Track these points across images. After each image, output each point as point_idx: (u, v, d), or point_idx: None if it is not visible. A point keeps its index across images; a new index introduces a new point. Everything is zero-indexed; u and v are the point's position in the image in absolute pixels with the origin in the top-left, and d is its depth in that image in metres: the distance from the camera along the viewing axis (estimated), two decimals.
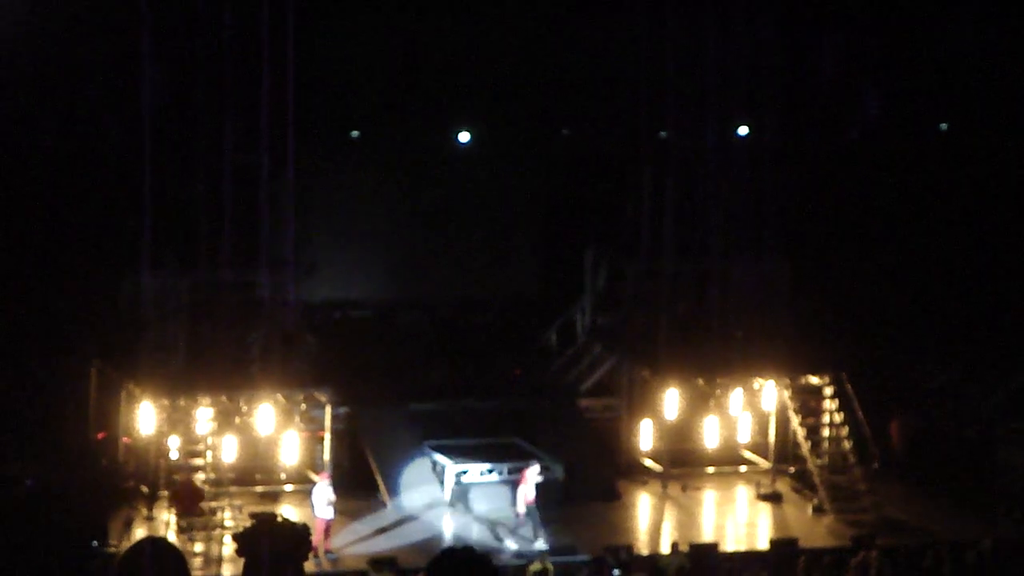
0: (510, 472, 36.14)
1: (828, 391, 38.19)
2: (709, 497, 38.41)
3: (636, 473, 39.11)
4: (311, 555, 30.30)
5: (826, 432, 38.06)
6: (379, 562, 32.55)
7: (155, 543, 29.34)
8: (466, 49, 42.38)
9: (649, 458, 39.34)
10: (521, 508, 34.62)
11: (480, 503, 36.26)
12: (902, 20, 44.31)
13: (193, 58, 37.80)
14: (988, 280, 44.94)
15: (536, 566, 31.84)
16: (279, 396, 36.67)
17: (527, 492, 34.64)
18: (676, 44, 40.61)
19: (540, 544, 33.88)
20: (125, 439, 36.90)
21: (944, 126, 46.20)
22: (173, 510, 35.09)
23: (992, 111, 44.59)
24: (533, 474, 34.85)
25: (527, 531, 34.42)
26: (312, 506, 33.96)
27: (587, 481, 37.53)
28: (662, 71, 40.82)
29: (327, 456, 36.50)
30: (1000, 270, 44.92)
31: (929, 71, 44.67)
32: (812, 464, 37.56)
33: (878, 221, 44.96)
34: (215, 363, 37.11)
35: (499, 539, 34.57)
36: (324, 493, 33.83)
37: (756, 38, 40.62)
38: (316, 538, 32.56)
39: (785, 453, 38.91)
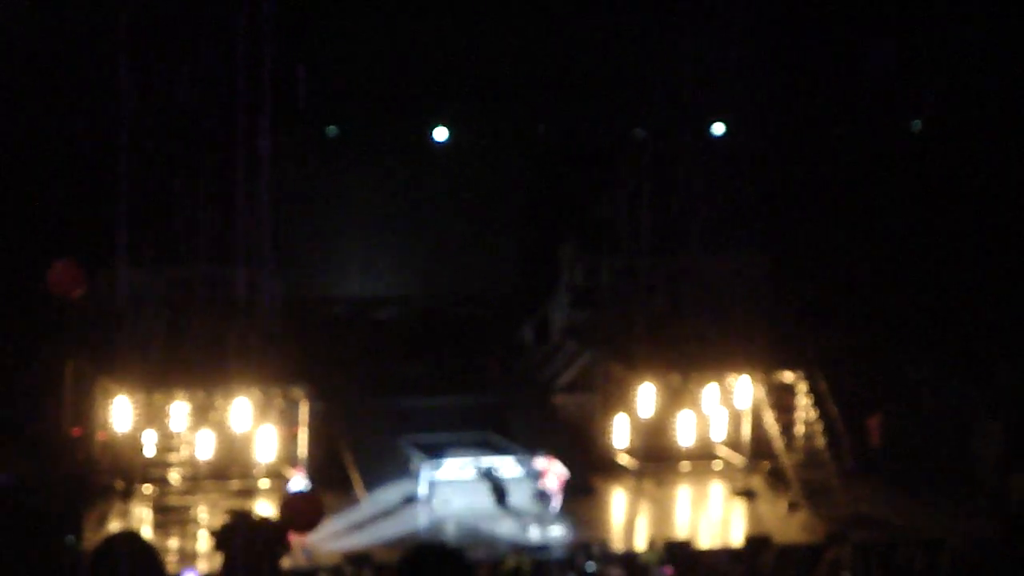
0: (488, 468, 36.26)
1: (802, 387, 38.33)
2: (683, 493, 38.52)
3: (611, 469, 39.20)
4: (287, 551, 30.30)
5: (800, 428, 38.20)
6: (355, 558, 32.62)
7: (127, 538, 29.30)
8: (443, 45, 42.38)
9: (624, 454, 39.45)
10: (556, 501, 34.95)
11: (456, 499, 36.31)
12: (878, 17, 44.44)
13: (170, 52, 37.74)
14: (966, 275, 45.11)
15: (511, 562, 31.93)
16: (255, 391, 36.69)
17: (550, 483, 34.94)
18: (653, 40, 40.67)
19: (560, 532, 34.10)
20: (100, 434, 36.88)
21: (918, 123, 46.38)
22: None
23: (967, 108, 44.76)
24: (554, 466, 35.13)
25: (548, 519, 34.67)
26: None
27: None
28: (638, 67, 40.88)
29: (303, 452, 36.54)
30: (978, 265, 45.09)
31: (904, 68, 44.81)
32: (786, 460, 37.70)
33: (855, 217, 45.10)
34: (191, 358, 37.15)
35: (523, 528, 34.76)
36: (299, 488, 33.87)
37: (732, 34, 40.70)
38: (291, 534, 32.62)
39: (759, 449, 39.05)
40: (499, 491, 35.93)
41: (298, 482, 33.91)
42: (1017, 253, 44.82)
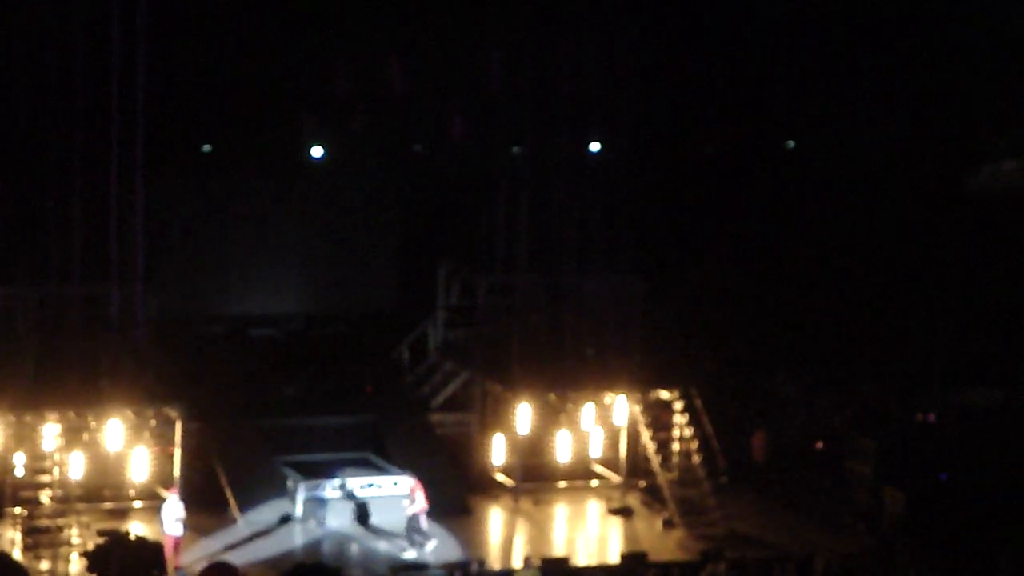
0: (362, 487, 36.13)
1: (678, 406, 38.56)
2: (560, 511, 38.59)
3: (488, 488, 39.20)
4: (161, 572, 30.01)
5: (676, 447, 38.41)
6: None
7: None
8: (319, 63, 42.28)
9: (501, 473, 39.46)
10: (420, 521, 34.82)
11: (332, 519, 36.12)
12: (753, 38, 44.98)
13: (42, 69, 37.28)
14: (836, 294, 45.74)
15: None
16: (128, 412, 36.28)
17: (418, 502, 34.80)
18: (529, 60, 40.84)
19: (430, 550, 34.03)
20: None
21: (791, 143, 47.01)
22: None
23: (838, 129, 45.44)
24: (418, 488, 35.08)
25: (419, 538, 34.54)
26: (161, 522, 33.64)
27: (439, 496, 37.48)
28: (515, 86, 41.03)
29: (177, 472, 36.17)
30: (848, 285, 45.73)
31: (777, 89, 45.38)
32: (662, 478, 37.90)
33: (728, 237, 45.56)
34: (63, 379, 36.63)
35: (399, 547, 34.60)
36: (174, 509, 33.53)
37: (608, 54, 40.95)
38: (166, 554, 32.28)
39: (636, 468, 39.23)
40: (362, 511, 35.85)
41: (172, 502, 33.54)
42: (885, 273, 45.58)
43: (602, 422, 39.66)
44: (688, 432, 38.42)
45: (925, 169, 45.04)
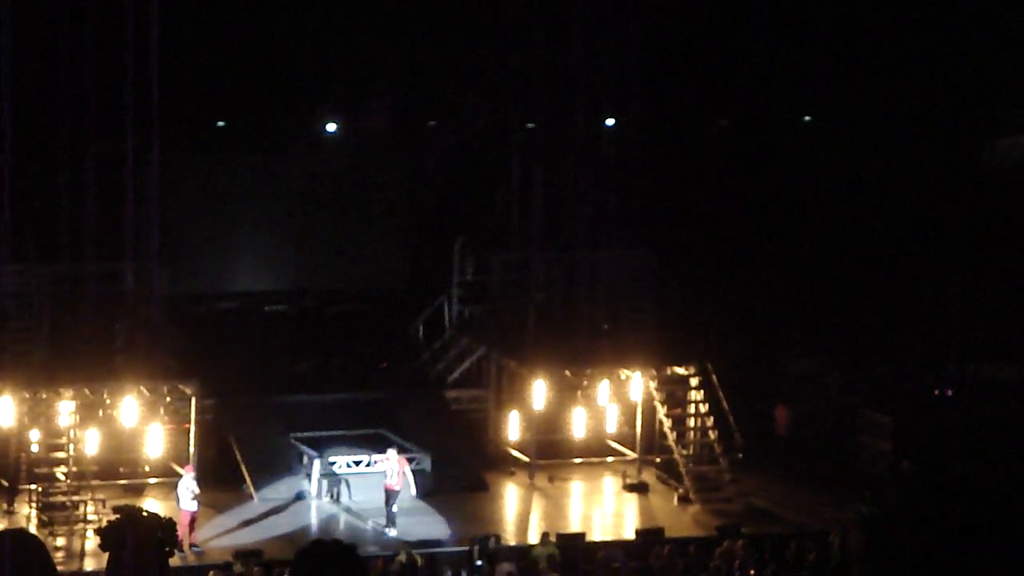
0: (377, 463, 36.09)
1: (693, 382, 38.46)
2: (576, 487, 38.54)
3: (504, 464, 39.15)
4: (176, 549, 29.95)
5: (692, 422, 38.33)
6: (245, 554, 32.33)
7: (15, 535, 28.86)
8: (332, 39, 42.16)
9: (517, 449, 39.40)
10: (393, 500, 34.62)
11: (347, 495, 36.09)
12: (770, 12, 44.79)
13: (55, 46, 37.23)
14: (850, 269, 45.59)
15: (402, 557, 31.79)
16: (143, 388, 36.26)
17: (387, 479, 34.60)
18: (544, 35, 40.71)
19: (392, 532, 33.92)
20: None
21: (807, 118, 46.82)
22: None
23: (853, 105, 45.24)
24: (393, 460, 34.77)
25: (381, 519, 34.39)
26: (177, 499, 33.65)
27: (455, 472, 37.51)
28: (530, 62, 40.89)
29: (192, 449, 36.17)
30: (864, 259, 45.58)
31: (794, 64, 45.19)
32: (678, 454, 37.82)
33: (743, 212, 45.41)
34: (78, 355, 36.64)
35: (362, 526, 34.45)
36: (189, 486, 33.54)
37: (623, 29, 40.80)
38: (181, 531, 32.26)
39: (651, 444, 39.12)
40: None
41: (188, 480, 33.55)
42: (902, 247, 45.41)
43: (617, 398, 39.58)
44: (704, 408, 38.33)
45: (942, 143, 44.83)
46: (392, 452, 35.20)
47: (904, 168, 45.16)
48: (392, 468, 34.79)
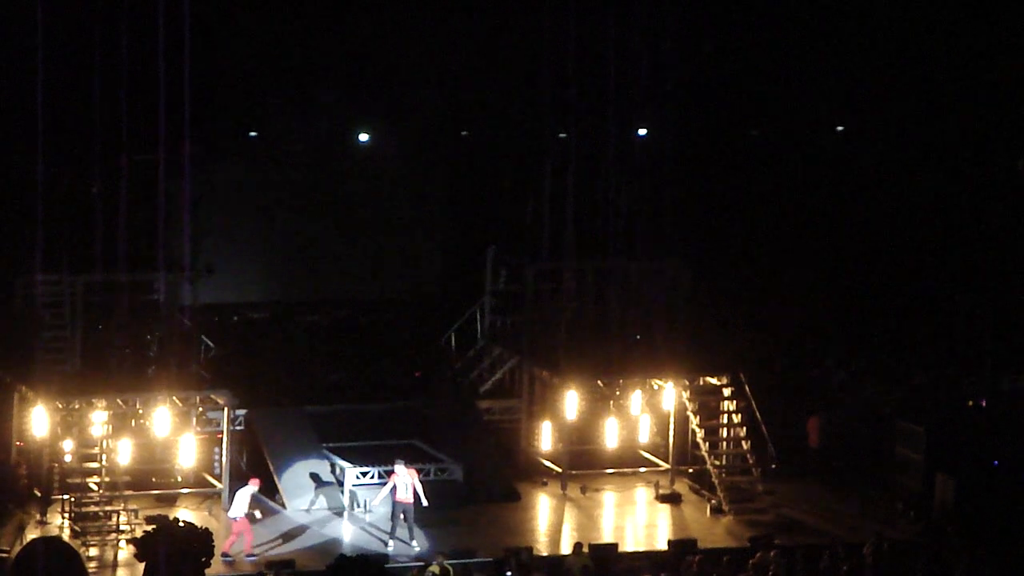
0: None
1: (726, 392, 38.33)
2: (608, 498, 38.45)
3: (536, 474, 39.06)
4: (210, 559, 29.98)
5: (724, 433, 38.20)
6: (277, 565, 32.31)
7: (49, 543, 28.97)
8: (365, 49, 42.23)
9: (549, 459, 39.32)
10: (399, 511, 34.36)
11: (379, 506, 36.04)
12: (802, 22, 44.71)
13: (89, 56, 37.36)
14: (883, 279, 45.43)
15: (434, 568, 31.72)
16: (175, 399, 36.30)
17: (398, 492, 34.33)
18: (577, 44, 40.69)
19: (416, 546, 33.83)
20: (18, 443, 36.37)
21: (840, 127, 46.69)
22: None
23: (888, 114, 45.11)
24: (403, 474, 34.49)
25: (404, 533, 34.23)
26: (232, 505, 33.61)
27: (487, 483, 37.45)
28: (563, 71, 40.89)
29: (225, 459, 36.17)
30: (898, 269, 45.42)
31: (828, 73, 45.08)
32: (710, 465, 37.69)
33: (776, 222, 45.31)
34: (110, 366, 36.70)
35: (383, 541, 34.30)
36: (249, 498, 33.48)
37: (656, 38, 40.76)
38: (233, 540, 32.55)
39: (684, 454, 39.02)
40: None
41: (249, 490, 33.52)
42: (936, 257, 45.25)
43: (650, 408, 39.47)
44: (737, 418, 38.20)
45: (979, 153, 44.66)
46: (400, 467, 34.78)
47: (938, 178, 45.01)
48: (404, 482, 34.43)
